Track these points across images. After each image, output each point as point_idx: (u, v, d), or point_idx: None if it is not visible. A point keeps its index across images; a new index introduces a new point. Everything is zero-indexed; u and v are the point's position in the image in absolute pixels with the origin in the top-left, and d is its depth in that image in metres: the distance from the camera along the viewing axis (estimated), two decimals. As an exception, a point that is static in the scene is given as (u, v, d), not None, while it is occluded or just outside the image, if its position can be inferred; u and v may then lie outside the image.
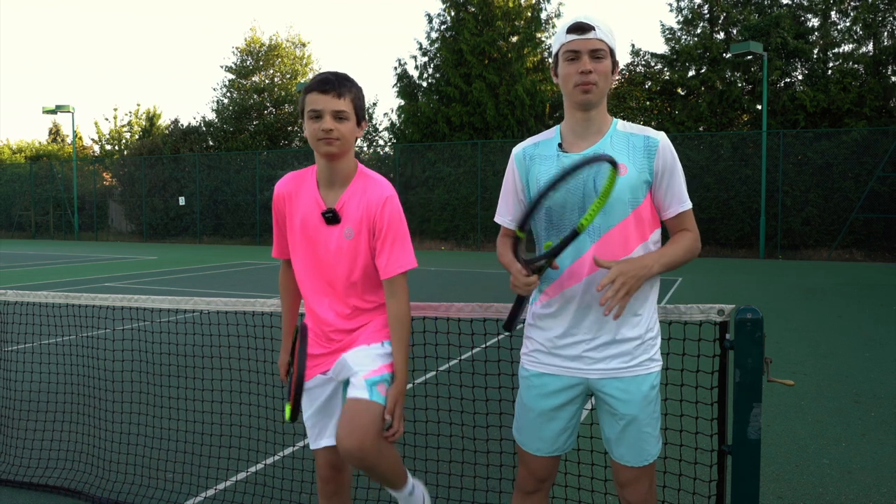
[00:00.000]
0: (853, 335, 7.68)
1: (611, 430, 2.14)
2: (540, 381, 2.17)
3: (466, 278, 13.85)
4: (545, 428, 2.17)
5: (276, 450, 3.99)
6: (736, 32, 22.86)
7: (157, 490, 3.53)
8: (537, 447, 2.20)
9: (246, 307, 2.95)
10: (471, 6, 25.42)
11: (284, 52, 33.36)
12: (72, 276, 14.51)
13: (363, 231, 2.25)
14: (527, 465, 2.24)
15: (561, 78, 2.09)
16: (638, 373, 2.09)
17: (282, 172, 26.66)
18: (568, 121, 2.15)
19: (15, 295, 3.61)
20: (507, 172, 2.27)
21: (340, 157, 2.22)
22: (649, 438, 2.12)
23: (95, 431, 4.23)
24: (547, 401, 2.16)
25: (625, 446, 2.12)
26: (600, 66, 2.03)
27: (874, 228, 18.88)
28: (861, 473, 3.78)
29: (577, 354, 2.10)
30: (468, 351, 5.95)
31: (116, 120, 39.33)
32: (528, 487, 2.26)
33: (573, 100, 2.07)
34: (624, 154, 2.06)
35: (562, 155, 2.11)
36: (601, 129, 2.11)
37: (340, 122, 2.17)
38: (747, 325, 2.08)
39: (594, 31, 2.01)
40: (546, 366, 2.16)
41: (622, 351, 2.08)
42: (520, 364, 2.26)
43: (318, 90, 2.16)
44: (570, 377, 2.12)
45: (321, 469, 2.43)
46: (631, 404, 2.08)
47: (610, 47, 2.05)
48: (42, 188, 33.75)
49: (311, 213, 2.28)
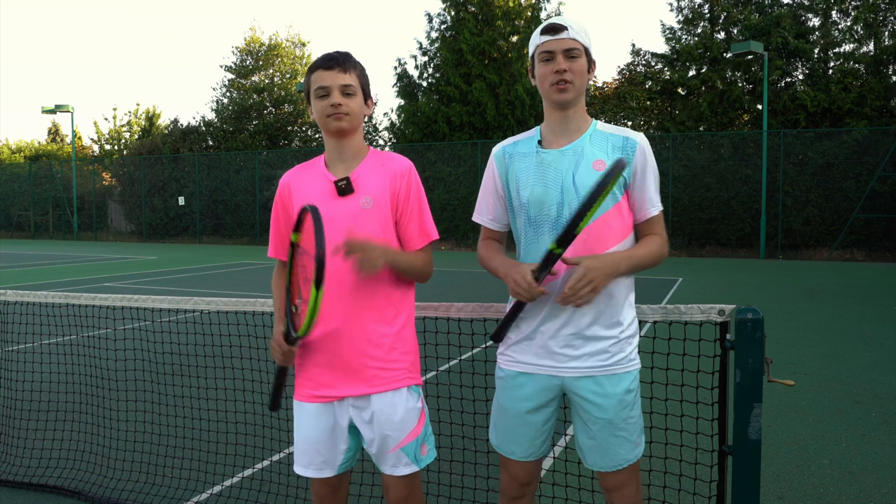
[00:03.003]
0: (854, 335, 7.67)
1: (582, 433, 2.13)
2: (516, 382, 2.16)
3: (466, 278, 13.84)
4: (522, 431, 2.16)
5: (275, 451, 3.99)
6: (736, 32, 22.85)
7: (158, 490, 3.52)
8: (512, 450, 2.19)
9: (246, 307, 2.95)
10: (471, 6, 25.41)
11: (284, 51, 33.36)
12: (72, 276, 14.51)
13: (385, 203, 2.16)
14: (508, 469, 2.22)
15: (538, 79, 2.13)
16: (614, 371, 2.07)
17: (282, 172, 26.66)
18: (547, 120, 2.18)
19: (15, 295, 3.61)
20: (486, 171, 2.28)
21: (350, 133, 2.18)
22: (623, 443, 2.09)
23: (96, 431, 4.22)
24: (523, 403, 2.14)
25: (598, 451, 2.10)
26: (575, 64, 2.06)
27: (875, 228, 18.87)
28: (862, 473, 3.78)
29: (551, 350, 2.09)
30: (468, 351, 5.95)
31: (116, 120, 39.35)
32: (512, 493, 2.24)
33: (550, 99, 2.10)
34: (603, 152, 2.08)
35: (541, 151, 2.13)
36: (580, 128, 2.13)
37: (348, 97, 2.13)
38: (748, 326, 2.08)
39: (567, 30, 2.05)
40: (521, 364, 2.14)
41: (597, 349, 2.07)
42: (496, 364, 2.25)
43: (324, 67, 2.13)
44: (546, 377, 2.11)
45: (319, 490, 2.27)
46: (605, 408, 2.06)
47: (584, 46, 2.09)
48: (41, 188, 33.74)
49: (320, 190, 2.17)
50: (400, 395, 2.16)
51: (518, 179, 2.14)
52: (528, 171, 2.13)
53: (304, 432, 2.21)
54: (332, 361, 2.15)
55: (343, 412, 2.18)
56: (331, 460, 2.21)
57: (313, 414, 2.19)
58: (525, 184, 2.12)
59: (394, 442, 2.15)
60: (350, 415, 2.18)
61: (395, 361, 2.17)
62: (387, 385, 2.15)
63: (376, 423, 2.14)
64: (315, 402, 2.19)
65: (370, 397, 2.14)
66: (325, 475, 2.21)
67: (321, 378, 2.17)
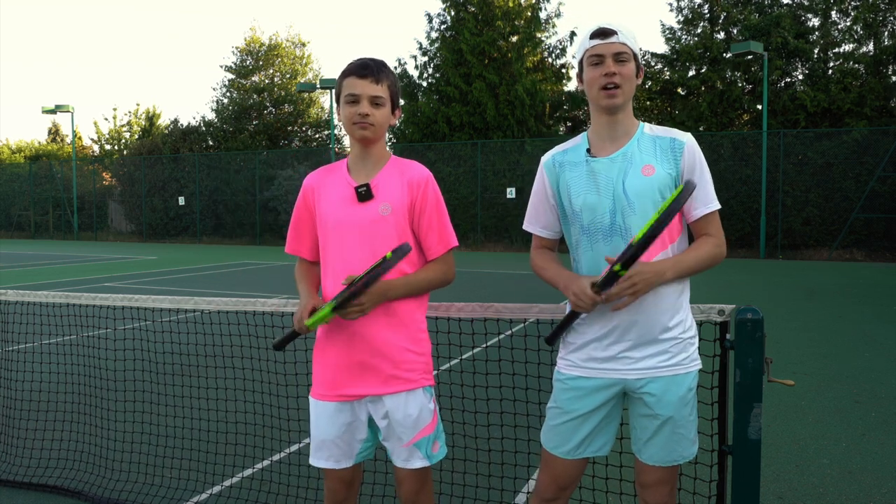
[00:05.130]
0: (853, 335, 7.68)
1: (644, 430, 2.13)
2: (576, 384, 2.15)
3: (466, 278, 13.84)
4: (577, 430, 2.15)
5: (275, 451, 3.99)
6: (736, 32, 22.84)
7: (158, 490, 3.53)
8: (565, 450, 2.17)
9: (246, 307, 2.95)
10: (471, 6, 25.40)
11: (284, 51, 33.35)
12: (72, 276, 14.51)
13: (403, 210, 2.22)
14: (551, 469, 2.21)
15: (586, 83, 2.12)
16: (677, 372, 2.08)
17: (282, 172, 26.68)
18: (594, 125, 2.17)
19: (15, 295, 3.61)
20: (536, 180, 2.28)
21: (374, 142, 2.24)
22: (683, 440, 2.11)
23: (96, 431, 4.23)
24: (582, 402, 2.14)
25: (657, 447, 2.11)
26: (624, 69, 2.06)
27: (875, 228, 18.86)
28: (861, 473, 3.78)
29: (613, 356, 2.09)
30: (468, 351, 5.95)
31: (116, 120, 39.34)
32: (547, 495, 2.23)
33: (599, 103, 2.09)
34: (651, 155, 2.08)
35: (591, 160, 2.13)
36: (629, 132, 2.13)
37: (376, 107, 2.19)
38: (748, 326, 2.08)
39: (617, 35, 2.06)
40: (583, 369, 2.14)
41: (659, 350, 2.07)
42: (555, 368, 2.25)
43: (357, 75, 2.17)
44: (607, 378, 2.11)
45: (333, 485, 2.34)
46: (668, 405, 2.08)
47: (633, 51, 2.09)
48: (41, 188, 33.72)
49: (341, 194, 2.25)
50: (415, 396, 2.23)
51: (569, 188, 2.15)
52: (580, 179, 2.13)
53: (321, 428, 2.28)
54: (349, 363, 2.22)
55: (362, 409, 2.26)
56: (348, 452, 2.28)
57: (331, 411, 2.26)
58: (577, 192, 2.13)
59: (409, 438, 2.22)
60: (368, 410, 2.26)
61: (409, 363, 2.23)
62: (402, 386, 2.21)
63: (392, 421, 2.22)
64: (332, 400, 2.25)
65: (385, 398, 2.21)
66: (343, 466, 2.28)
67: (338, 378, 2.24)
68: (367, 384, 2.21)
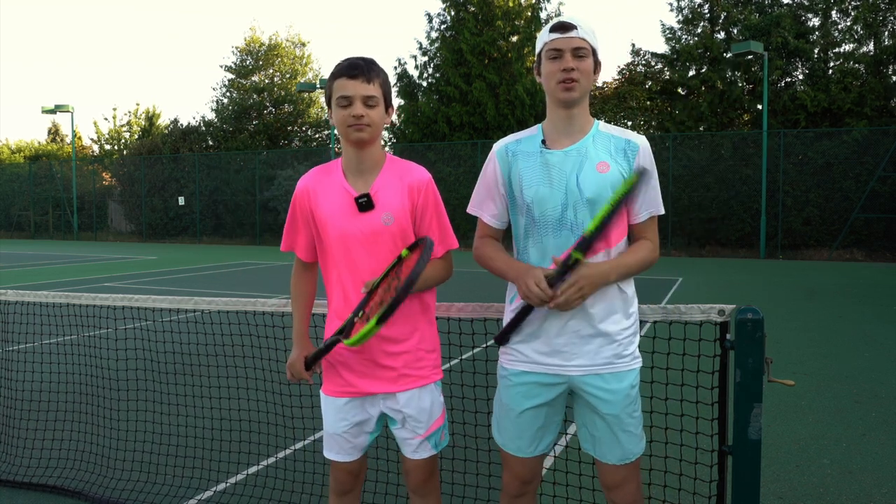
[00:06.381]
0: (854, 335, 7.68)
1: (593, 428, 2.15)
2: (519, 380, 2.17)
3: (466, 278, 13.83)
4: (526, 428, 2.17)
5: (276, 450, 3.99)
6: (736, 32, 22.84)
7: (158, 489, 3.53)
8: (518, 447, 2.20)
9: (246, 307, 2.95)
10: (471, 6, 25.40)
11: (284, 51, 33.36)
12: (72, 276, 14.51)
13: (405, 216, 2.19)
14: (510, 467, 2.24)
15: (544, 76, 2.12)
16: (619, 369, 2.10)
17: (282, 172, 26.66)
18: (550, 118, 2.17)
19: (15, 295, 3.61)
20: (486, 166, 2.25)
21: (370, 143, 2.18)
22: (630, 437, 2.13)
23: (96, 431, 4.23)
24: (527, 400, 2.15)
25: (607, 444, 2.13)
26: (582, 64, 2.06)
27: (875, 228, 18.87)
28: (861, 473, 3.78)
29: (554, 349, 2.10)
30: (468, 351, 5.95)
31: (116, 120, 39.35)
32: (512, 490, 2.25)
33: (556, 97, 2.10)
34: (606, 153, 2.09)
35: (545, 151, 2.13)
36: (584, 128, 2.13)
37: (370, 108, 2.12)
38: (748, 326, 2.08)
39: (576, 29, 2.05)
40: (525, 363, 2.15)
41: (601, 346, 2.08)
42: (498, 363, 2.27)
43: (347, 75, 2.11)
44: (550, 375, 2.12)
45: (340, 476, 2.37)
46: (612, 403, 2.09)
47: (592, 47, 2.09)
48: (41, 188, 33.73)
49: (340, 204, 2.19)
50: (427, 391, 2.27)
51: (521, 178, 2.14)
52: (533, 170, 2.12)
53: (333, 424, 2.30)
54: (361, 362, 2.23)
55: (374, 405, 2.28)
56: (357, 445, 2.32)
57: (343, 408, 2.28)
58: (529, 183, 2.12)
59: (422, 431, 2.26)
60: (380, 406, 2.28)
61: (420, 360, 2.25)
62: (414, 383, 2.24)
63: (406, 415, 2.25)
64: (344, 396, 2.27)
65: (399, 394, 2.24)
66: (351, 459, 2.33)
67: (350, 377, 2.25)
68: (379, 382, 2.23)
